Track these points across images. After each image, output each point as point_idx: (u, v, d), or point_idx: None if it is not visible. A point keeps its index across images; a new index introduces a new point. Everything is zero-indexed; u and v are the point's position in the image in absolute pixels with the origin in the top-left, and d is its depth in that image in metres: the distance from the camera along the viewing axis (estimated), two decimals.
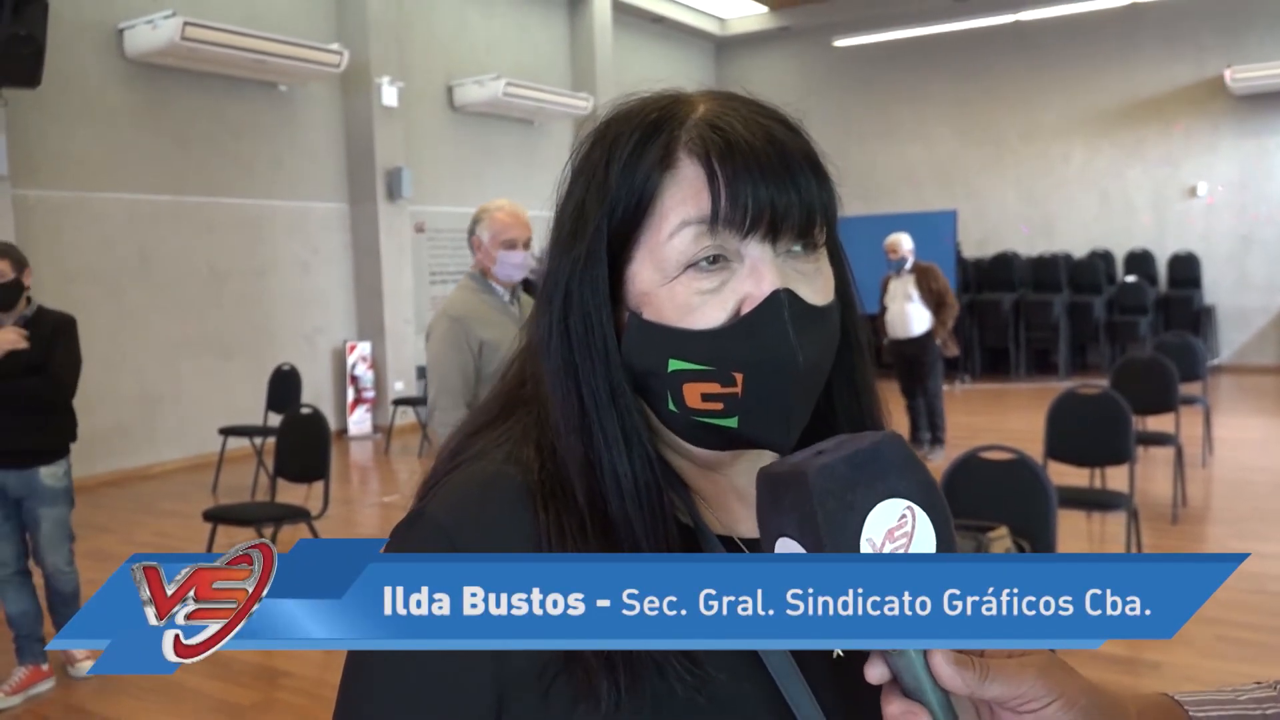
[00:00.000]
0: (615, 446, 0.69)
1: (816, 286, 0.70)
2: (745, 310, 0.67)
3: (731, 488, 0.76)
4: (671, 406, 0.70)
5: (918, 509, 0.58)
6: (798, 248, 0.69)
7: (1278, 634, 3.95)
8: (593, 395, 0.70)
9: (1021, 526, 3.25)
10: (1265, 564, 4.55)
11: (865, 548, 0.56)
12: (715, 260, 0.67)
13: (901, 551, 0.57)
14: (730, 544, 0.73)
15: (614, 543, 0.67)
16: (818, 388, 0.71)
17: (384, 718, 0.66)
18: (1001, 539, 3.21)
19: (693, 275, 0.67)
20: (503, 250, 3.27)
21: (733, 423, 0.69)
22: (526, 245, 3.33)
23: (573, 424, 0.70)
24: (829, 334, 0.71)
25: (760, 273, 0.67)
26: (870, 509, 0.57)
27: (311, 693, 3.75)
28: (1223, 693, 0.70)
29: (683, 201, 0.67)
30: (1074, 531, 5.31)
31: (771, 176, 0.67)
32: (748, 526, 0.75)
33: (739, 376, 0.67)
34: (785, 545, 0.59)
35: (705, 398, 0.69)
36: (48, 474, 3.71)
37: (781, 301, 0.67)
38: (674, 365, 0.68)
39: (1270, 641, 3.87)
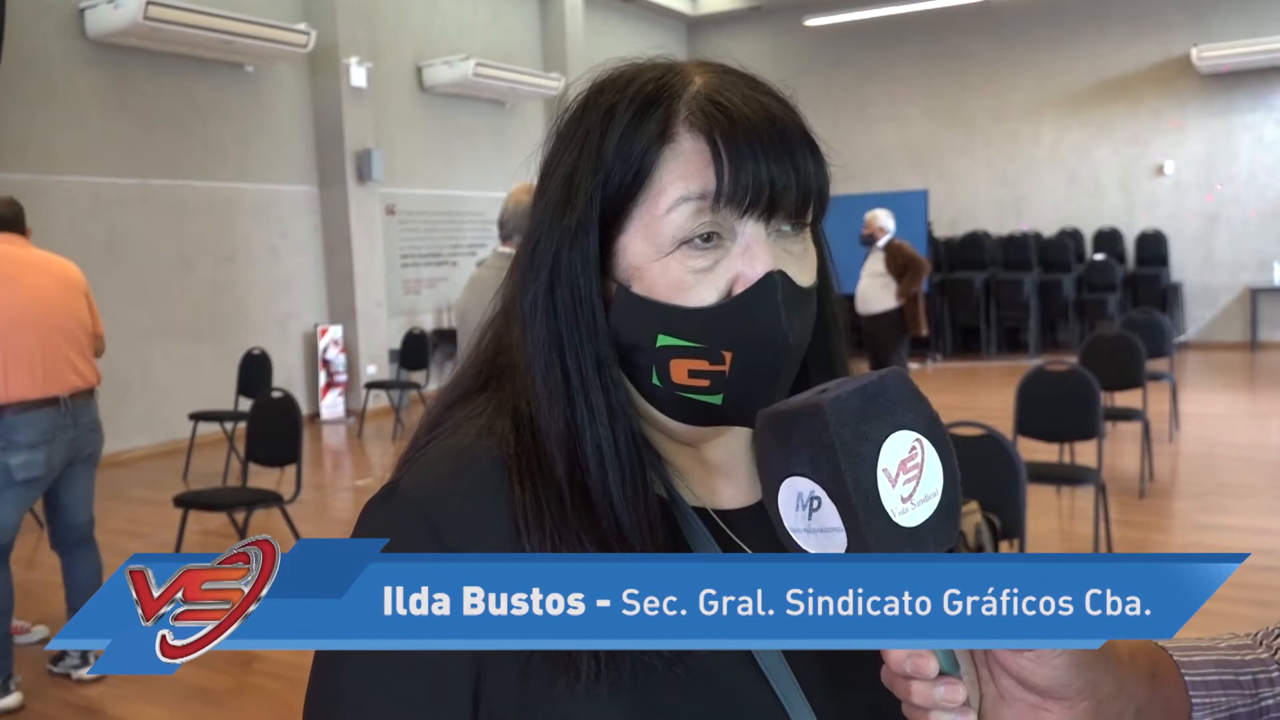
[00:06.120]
0: (600, 420, 0.68)
1: (804, 266, 0.71)
2: (738, 290, 0.67)
3: (706, 461, 0.77)
4: (655, 380, 0.70)
5: (926, 442, 0.58)
6: (788, 227, 0.69)
7: (1243, 604, 4.01)
8: (579, 368, 0.69)
9: (992, 501, 3.29)
10: (1230, 536, 4.64)
11: (881, 479, 0.56)
12: (709, 238, 0.67)
13: (914, 484, 0.57)
14: (704, 515, 0.73)
15: (593, 517, 0.67)
16: (798, 367, 0.72)
17: (363, 689, 0.66)
18: (972, 514, 3.25)
19: (686, 252, 0.67)
20: None
21: (717, 400, 0.69)
22: None
23: (557, 396, 0.69)
24: (812, 314, 0.72)
25: (754, 252, 0.67)
26: (884, 439, 0.57)
27: (285, 676, 3.75)
28: (1201, 641, 0.72)
29: (682, 177, 0.67)
30: (1043, 506, 5.38)
31: (773, 155, 0.67)
32: (721, 498, 0.76)
33: (728, 355, 0.68)
34: (794, 485, 0.58)
35: (692, 374, 0.69)
36: None
37: (775, 283, 0.67)
38: (663, 341, 0.68)
39: (1235, 612, 3.92)
